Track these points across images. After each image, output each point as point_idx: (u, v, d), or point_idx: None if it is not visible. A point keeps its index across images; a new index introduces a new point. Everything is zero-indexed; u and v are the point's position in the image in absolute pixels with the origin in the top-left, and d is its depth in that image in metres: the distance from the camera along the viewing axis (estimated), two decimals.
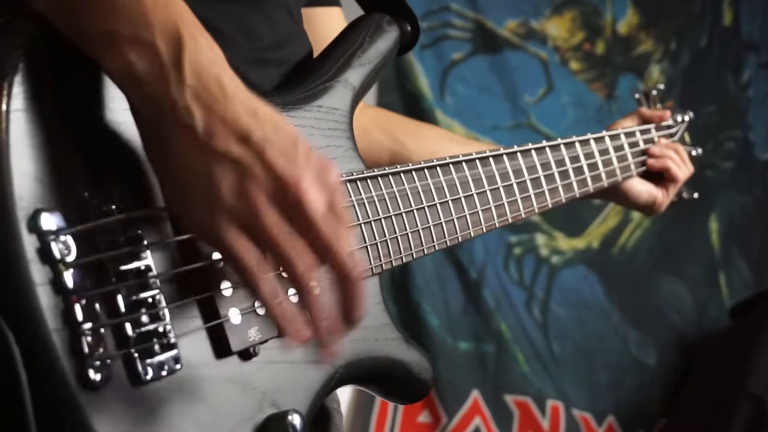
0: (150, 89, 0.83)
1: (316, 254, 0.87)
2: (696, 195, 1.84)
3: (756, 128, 3.95)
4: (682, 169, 1.73)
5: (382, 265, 1.13)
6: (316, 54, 1.23)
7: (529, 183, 1.36)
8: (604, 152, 1.56)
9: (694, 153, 1.80)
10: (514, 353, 3.30)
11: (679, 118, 1.80)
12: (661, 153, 1.70)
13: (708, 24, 3.86)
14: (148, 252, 0.89)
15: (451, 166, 1.24)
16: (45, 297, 0.80)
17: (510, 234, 3.35)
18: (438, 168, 1.22)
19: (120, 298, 0.86)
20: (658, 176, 1.72)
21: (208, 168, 0.84)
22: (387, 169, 1.15)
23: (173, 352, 0.89)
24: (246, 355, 0.96)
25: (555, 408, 3.35)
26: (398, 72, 3.13)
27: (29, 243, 0.81)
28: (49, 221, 0.82)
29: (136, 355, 0.86)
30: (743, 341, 3.27)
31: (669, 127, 1.78)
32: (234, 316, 0.96)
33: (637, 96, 1.82)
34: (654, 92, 1.81)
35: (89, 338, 0.82)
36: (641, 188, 1.70)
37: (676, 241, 3.72)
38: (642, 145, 1.69)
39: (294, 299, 0.98)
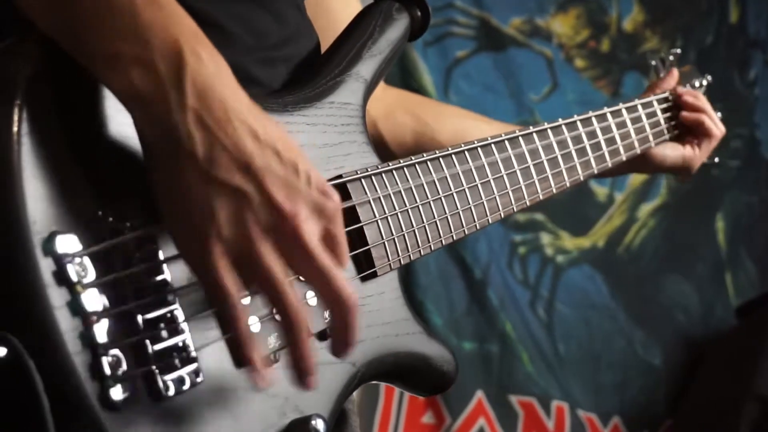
0: (152, 110, 0.83)
1: (312, 284, 0.88)
2: (717, 159, 1.77)
3: (762, 127, 3.94)
4: (717, 125, 1.68)
5: (400, 259, 1.13)
6: (324, 42, 1.21)
7: (546, 163, 1.34)
8: (635, 120, 1.55)
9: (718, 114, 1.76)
10: (518, 353, 3.29)
11: (696, 83, 1.77)
12: (695, 105, 1.65)
13: (714, 21, 3.85)
14: (164, 267, 0.89)
15: (466, 153, 1.22)
16: (63, 320, 0.80)
17: (514, 233, 3.34)
18: (453, 156, 1.21)
19: (138, 316, 0.86)
20: (685, 135, 1.68)
21: (207, 196, 0.83)
22: (402, 161, 1.14)
23: (194, 366, 0.89)
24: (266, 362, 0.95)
25: (560, 408, 3.34)
26: (402, 69, 3.12)
27: (45, 267, 0.80)
28: (64, 243, 0.81)
29: (156, 371, 0.85)
30: (749, 341, 3.27)
31: None
32: (253, 324, 0.95)
33: (654, 63, 1.78)
34: (671, 57, 1.77)
35: (109, 358, 0.82)
36: (666, 150, 1.66)
37: (682, 241, 3.72)
38: (660, 115, 1.66)
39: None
